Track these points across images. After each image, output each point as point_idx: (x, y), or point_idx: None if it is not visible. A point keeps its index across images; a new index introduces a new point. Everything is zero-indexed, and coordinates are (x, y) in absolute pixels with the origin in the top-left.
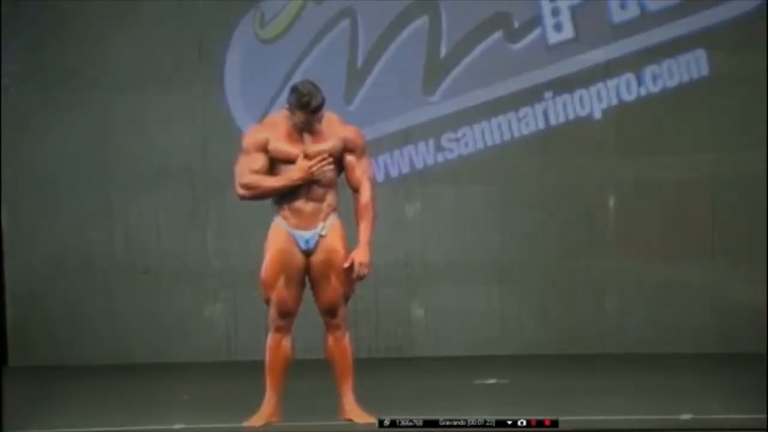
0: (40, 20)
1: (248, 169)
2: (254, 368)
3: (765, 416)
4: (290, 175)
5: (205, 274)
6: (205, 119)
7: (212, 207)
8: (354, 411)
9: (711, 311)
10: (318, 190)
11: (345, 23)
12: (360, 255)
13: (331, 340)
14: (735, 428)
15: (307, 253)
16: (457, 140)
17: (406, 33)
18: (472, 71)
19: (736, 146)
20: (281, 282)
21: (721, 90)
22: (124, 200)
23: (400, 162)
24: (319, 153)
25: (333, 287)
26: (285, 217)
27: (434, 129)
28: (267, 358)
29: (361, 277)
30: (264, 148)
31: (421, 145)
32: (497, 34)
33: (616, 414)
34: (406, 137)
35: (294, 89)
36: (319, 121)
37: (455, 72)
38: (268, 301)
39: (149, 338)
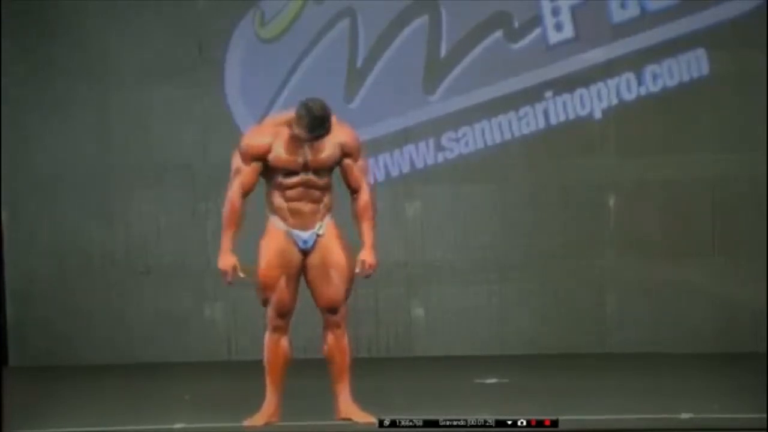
0: (40, 20)
1: (239, 182)
2: (254, 368)
3: (765, 416)
4: (223, 251)
5: (205, 274)
6: (205, 119)
7: (212, 206)
8: (353, 410)
9: (711, 311)
10: (316, 193)
11: (345, 23)
12: (369, 256)
13: (331, 338)
14: (735, 428)
15: (304, 253)
16: (458, 140)
17: (406, 32)
18: (472, 71)
19: (736, 146)
20: (281, 282)
21: (721, 90)
22: (124, 200)
23: (400, 162)
24: (319, 162)
25: (334, 285)
26: (283, 217)
27: (434, 128)
28: (266, 358)
29: (367, 276)
30: (263, 156)
31: (422, 145)
32: (497, 34)
33: (616, 414)
34: (406, 137)
35: (307, 108)
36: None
37: (455, 71)
38: (265, 302)
39: (149, 338)
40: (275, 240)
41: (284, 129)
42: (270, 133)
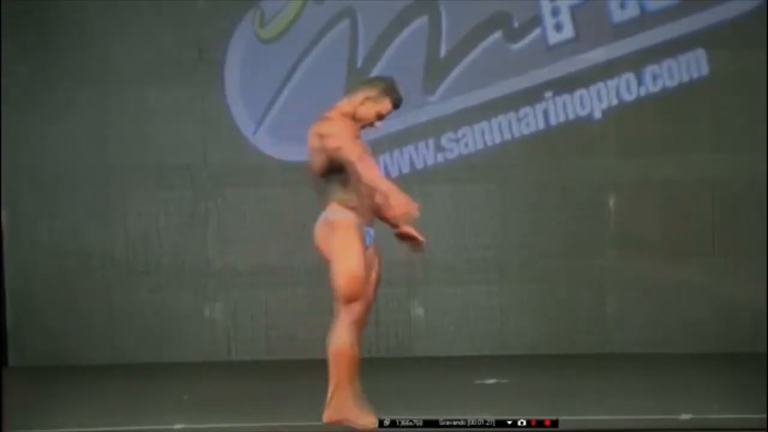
0: (40, 20)
1: (358, 154)
2: (254, 368)
3: (765, 416)
4: (399, 197)
5: (205, 274)
6: (205, 119)
7: (212, 206)
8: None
9: (711, 311)
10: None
11: (345, 23)
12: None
13: (358, 338)
14: (735, 428)
15: None
16: (457, 140)
17: (406, 32)
18: (472, 71)
19: (736, 146)
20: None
21: (721, 90)
22: (124, 200)
23: (400, 162)
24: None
25: (373, 285)
26: (360, 214)
27: (434, 129)
28: (350, 355)
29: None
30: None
31: (421, 145)
32: (497, 34)
33: (616, 414)
34: (406, 137)
35: (389, 82)
36: None
37: (455, 72)
38: (356, 299)
39: (149, 338)
40: (358, 235)
41: (350, 122)
42: (345, 122)
